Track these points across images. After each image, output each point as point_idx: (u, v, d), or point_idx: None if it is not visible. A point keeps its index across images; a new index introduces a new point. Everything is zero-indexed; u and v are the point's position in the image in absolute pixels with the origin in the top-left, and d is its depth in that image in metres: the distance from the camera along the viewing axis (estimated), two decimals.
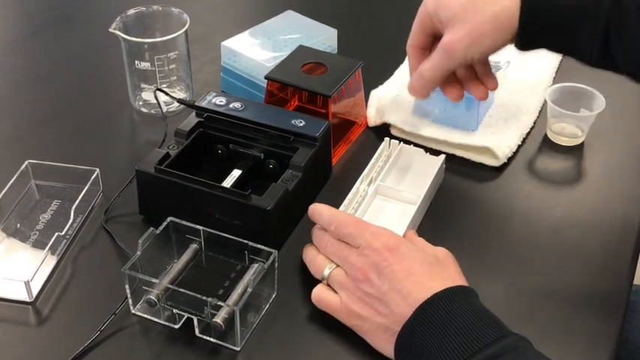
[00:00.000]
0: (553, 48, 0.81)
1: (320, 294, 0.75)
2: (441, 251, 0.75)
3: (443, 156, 0.92)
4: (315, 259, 0.77)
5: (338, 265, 0.75)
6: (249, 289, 0.72)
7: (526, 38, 0.78)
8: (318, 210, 0.79)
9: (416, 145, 0.96)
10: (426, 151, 0.93)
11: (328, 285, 0.75)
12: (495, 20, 0.78)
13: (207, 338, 0.74)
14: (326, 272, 0.75)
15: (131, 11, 1.02)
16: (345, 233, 0.75)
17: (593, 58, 0.77)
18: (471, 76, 0.88)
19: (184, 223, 0.78)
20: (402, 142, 0.94)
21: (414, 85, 0.85)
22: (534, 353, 0.64)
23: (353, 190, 0.86)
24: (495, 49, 0.81)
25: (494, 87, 0.88)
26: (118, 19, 1.00)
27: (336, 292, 0.74)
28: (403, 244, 0.73)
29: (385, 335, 0.70)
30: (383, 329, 0.70)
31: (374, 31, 1.24)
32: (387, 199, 0.89)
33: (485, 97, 0.88)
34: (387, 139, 0.93)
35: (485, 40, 0.79)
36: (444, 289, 0.68)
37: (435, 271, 0.71)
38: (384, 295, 0.70)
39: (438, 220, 0.88)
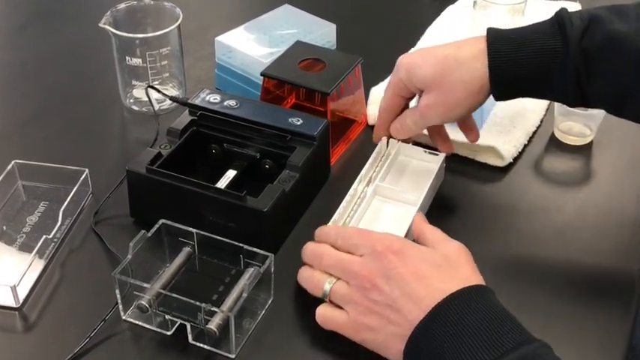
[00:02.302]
0: (530, 96, 0.84)
1: (324, 313, 0.73)
2: (454, 248, 0.73)
3: (443, 155, 0.91)
4: (311, 277, 0.74)
5: (338, 279, 0.73)
6: (245, 295, 0.72)
7: (501, 95, 0.82)
8: (325, 230, 0.78)
9: (417, 144, 0.96)
10: (425, 150, 0.93)
11: (330, 302, 0.73)
12: (467, 89, 0.81)
13: (201, 345, 0.73)
14: (327, 287, 0.73)
15: (122, 5, 1.02)
16: (350, 245, 0.74)
17: (569, 101, 0.81)
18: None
19: (177, 225, 0.78)
20: (400, 141, 0.94)
21: (398, 128, 0.89)
22: None
23: (350, 191, 0.85)
24: (471, 111, 0.85)
25: (474, 139, 0.91)
26: (109, 13, 1.00)
27: (341, 308, 0.72)
28: (409, 247, 0.72)
29: (400, 345, 0.67)
30: (397, 339, 0.68)
31: (374, 27, 1.24)
32: (386, 199, 0.88)
33: (449, 151, 0.91)
34: (384, 137, 0.93)
35: (459, 107, 0.83)
36: (459, 290, 0.66)
37: (446, 273, 0.69)
38: (394, 301, 0.68)
39: (439, 222, 0.87)
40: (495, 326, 0.64)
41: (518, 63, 0.79)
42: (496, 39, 0.81)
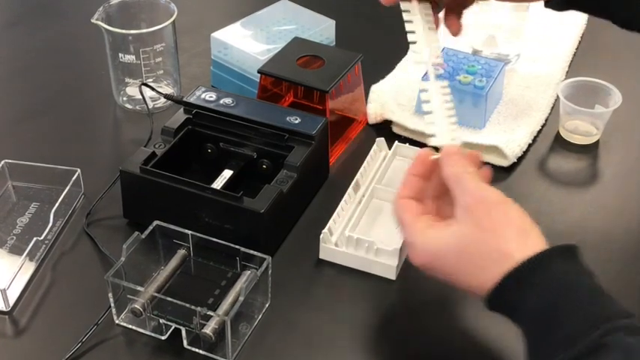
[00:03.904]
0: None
1: None
2: (469, 220, 0.66)
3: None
4: None
5: None
6: (241, 298, 0.72)
7: None
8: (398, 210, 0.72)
9: (419, 144, 0.96)
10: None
11: None
12: None
13: (196, 350, 0.74)
14: None
15: (115, 1, 1.02)
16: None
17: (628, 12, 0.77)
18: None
19: (172, 227, 0.78)
20: (396, 141, 0.94)
21: None
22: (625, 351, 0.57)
23: (345, 197, 0.86)
24: None
25: (456, 33, 0.85)
26: (101, 9, 1.00)
27: None
28: (430, 254, 0.68)
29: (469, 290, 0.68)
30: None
31: (374, 23, 1.24)
32: (384, 202, 0.89)
33: (457, 34, 0.84)
34: (378, 140, 0.94)
35: None
36: (499, 285, 0.62)
37: (478, 253, 0.65)
38: (453, 283, 0.68)
39: None
40: (555, 314, 0.60)
41: None
42: None
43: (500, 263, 0.63)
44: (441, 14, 0.85)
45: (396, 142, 0.94)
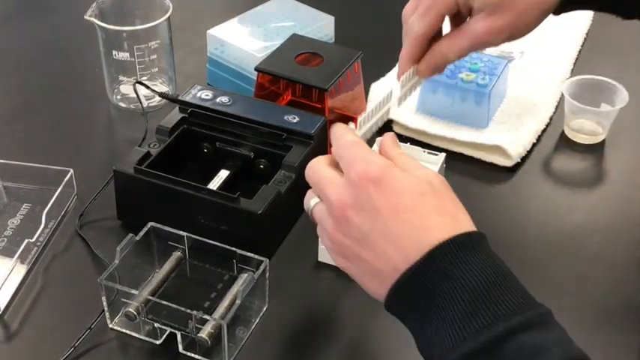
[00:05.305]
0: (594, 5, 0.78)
1: (318, 231, 0.67)
2: (435, 175, 0.64)
3: (443, 155, 0.92)
4: (310, 191, 0.68)
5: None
6: (238, 301, 0.72)
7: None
8: (333, 131, 0.69)
9: (420, 143, 0.96)
10: (425, 150, 0.93)
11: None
12: (541, 7, 0.74)
13: (192, 355, 0.73)
14: (311, 205, 0.66)
15: None
16: (339, 157, 0.66)
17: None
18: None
19: (167, 228, 0.78)
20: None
21: (436, 63, 0.76)
22: (553, 334, 0.59)
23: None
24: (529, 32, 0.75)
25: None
26: (94, 5, 1.00)
27: None
28: (389, 172, 0.62)
29: (374, 282, 0.62)
30: (370, 275, 0.62)
31: (374, 19, 1.25)
32: None
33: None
34: (378, 139, 0.93)
35: (527, 30, 0.75)
36: (450, 239, 0.60)
37: (430, 204, 0.62)
38: (365, 236, 0.62)
39: None
40: (497, 285, 0.59)
41: None
42: None
43: (448, 227, 0.61)
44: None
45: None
